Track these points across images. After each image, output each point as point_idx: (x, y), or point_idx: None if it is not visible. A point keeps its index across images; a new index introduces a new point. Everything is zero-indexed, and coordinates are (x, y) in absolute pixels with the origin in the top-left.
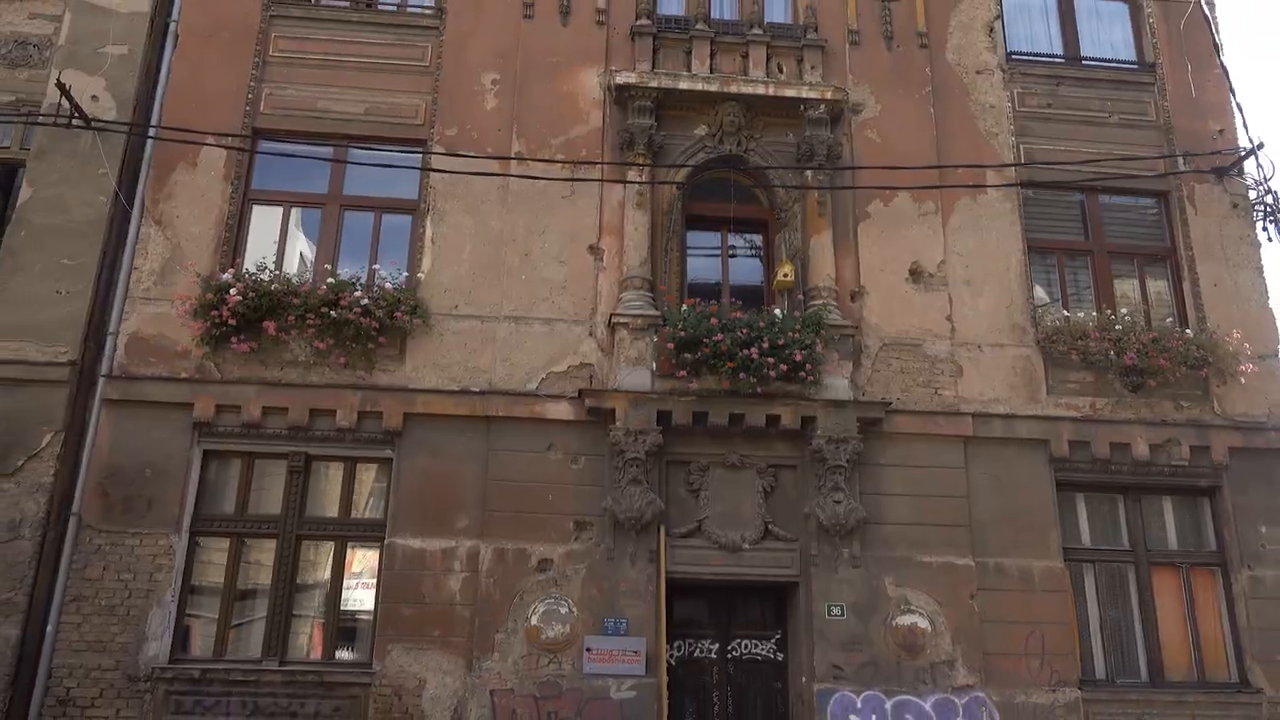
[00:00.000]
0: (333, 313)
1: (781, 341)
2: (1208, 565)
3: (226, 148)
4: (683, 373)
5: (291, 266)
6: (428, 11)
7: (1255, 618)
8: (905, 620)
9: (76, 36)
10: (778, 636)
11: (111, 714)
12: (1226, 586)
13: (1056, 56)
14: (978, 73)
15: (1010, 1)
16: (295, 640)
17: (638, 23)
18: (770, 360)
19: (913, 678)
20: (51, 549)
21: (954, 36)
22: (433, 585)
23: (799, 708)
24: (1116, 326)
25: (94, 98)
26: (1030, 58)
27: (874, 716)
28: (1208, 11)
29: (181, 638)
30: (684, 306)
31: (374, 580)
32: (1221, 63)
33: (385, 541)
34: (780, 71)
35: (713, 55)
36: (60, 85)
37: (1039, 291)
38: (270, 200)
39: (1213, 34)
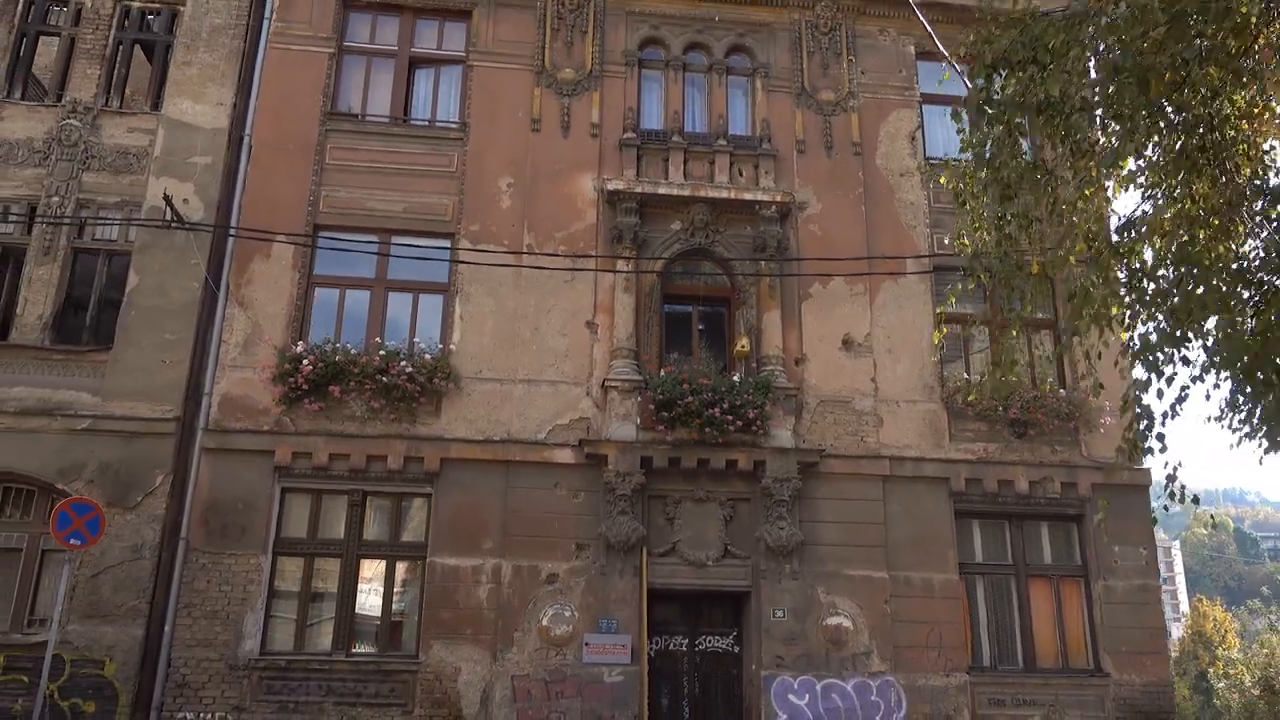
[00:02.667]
0: (384, 379)
1: (739, 403)
2: (1073, 577)
3: (293, 242)
4: (661, 427)
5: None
6: (454, 126)
7: (1108, 619)
8: (833, 621)
9: (169, 148)
10: (734, 633)
11: (218, 695)
12: (1087, 594)
13: (967, 159)
14: (901, 175)
15: (931, 113)
16: (358, 637)
17: (625, 135)
18: (729, 418)
19: (838, 665)
20: (166, 567)
21: (883, 145)
22: (465, 594)
23: (750, 689)
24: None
25: (185, 200)
26: (943, 160)
27: (807, 695)
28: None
29: (269, 635)
30: (662, 372)
31: (418, 590)
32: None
33: (426, 560)
34: (741, 175)
35: (686, 162)
36: (166, 197)
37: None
38: (329, 284)
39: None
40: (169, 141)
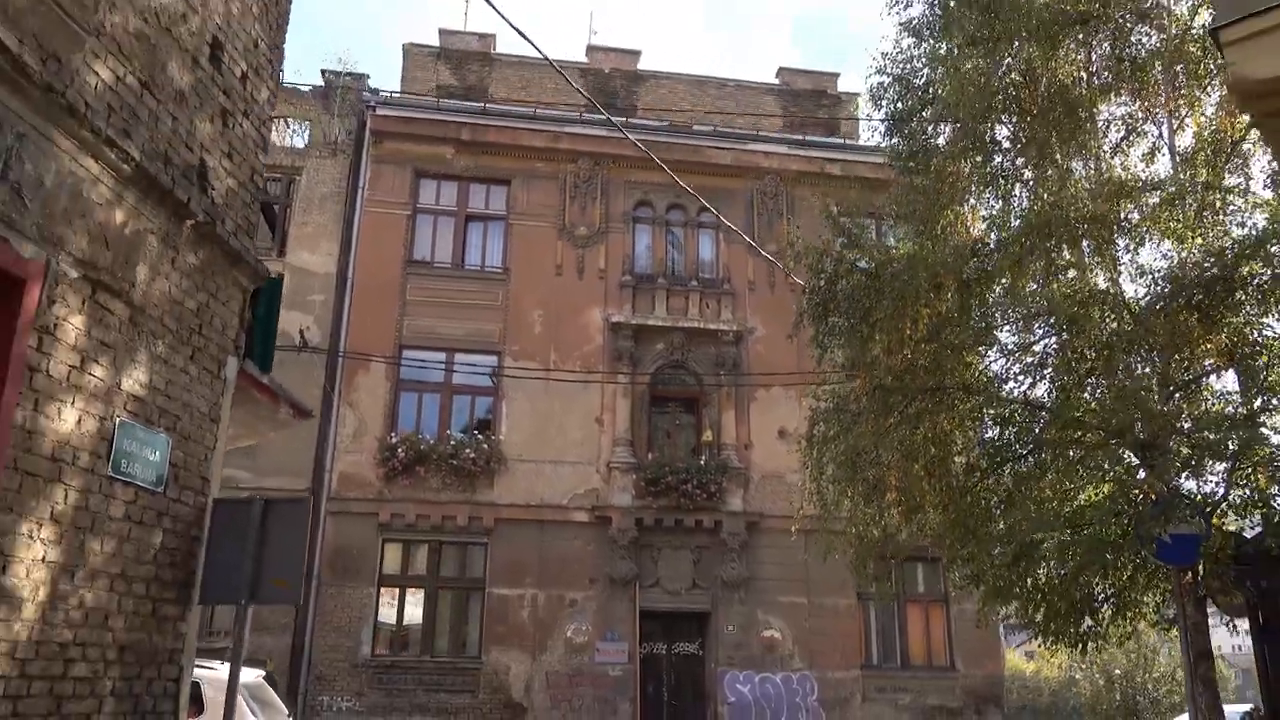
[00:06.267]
0: (454, 461)
1: (704, 480)
2: (938, 602)
3: (385, 360)
4: (649, 496)
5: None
6: (499, 270)
7: (960, 632)
8: (767, 633)
9: (293, 289)
10: (699, 642)
11: (345, 684)
12: (947, 614)
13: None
14: None
15: None
16: (437, 642)
17: (623, 277)
18: (698, 490)
19: (771, 664)
20: (306, 596)
21: (811, 284)
22: (513, 614)
23: (710, 681)
24: None
25: (307, 328)
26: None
27: (749, 685)
28: None
29: (377, 642)
30: (650, 457)
31: (480, 611)
32: None
33: (485, 590)
34: (708, 308)
35: (668, 298)
36: (301, 331)
37: None
38: (411, 389)
39: None
40: (293, 283)
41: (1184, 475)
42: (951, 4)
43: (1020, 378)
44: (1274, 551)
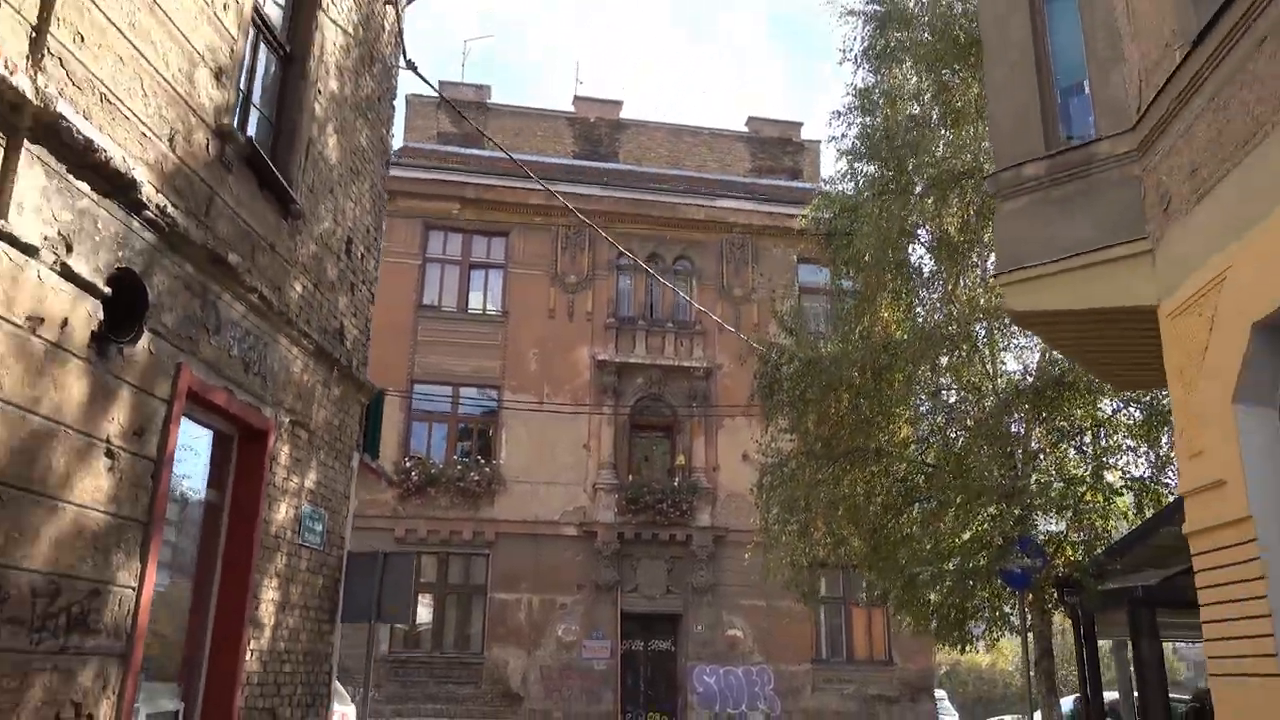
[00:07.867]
0: (461, 484)
1: (677, 499)
2: (878, 604)
3: (399, 394)
4: (630, 513)
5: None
6: (498, 314)
7: (896, 630)
8: (731, 632)
9: None
10: (672, 640)
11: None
12: (886, 615)
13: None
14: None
15: (808, 299)
16: (445, 640)
17: (607, 319)
18: (672, 509)
19: (734, 659)
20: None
21: (773, 324)
22: (511, 616)
23: (681, 674)
24: None
25: None
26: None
27: (715, 677)
28: None
29: (393, 640)
30: (631, 478)
31: (483, 613)
32: None
33: (487, 595)
34: (682, 346)
35: (647, 338)
36: None
37: None
38: (422, 419)
39: None
40: None
41: (1015, 527)
42: (879, 135)
43: (920, 443)
44: (1083, 582)
